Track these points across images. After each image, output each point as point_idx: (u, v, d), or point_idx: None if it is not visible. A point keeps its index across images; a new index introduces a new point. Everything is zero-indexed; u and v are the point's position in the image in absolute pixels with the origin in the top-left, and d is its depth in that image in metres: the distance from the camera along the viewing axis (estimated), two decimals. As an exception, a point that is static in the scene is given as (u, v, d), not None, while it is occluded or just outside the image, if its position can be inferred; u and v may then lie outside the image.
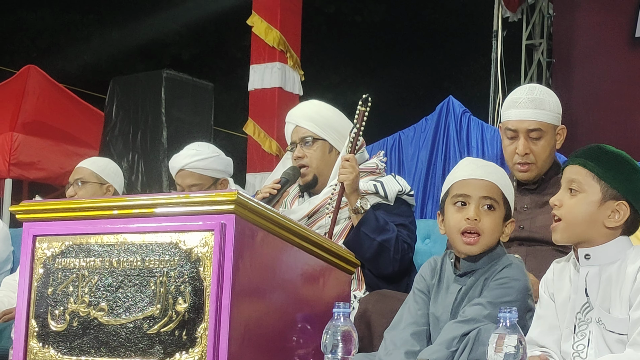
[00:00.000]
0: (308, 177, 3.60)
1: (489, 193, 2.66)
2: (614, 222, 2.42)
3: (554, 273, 2.56)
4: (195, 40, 14.35)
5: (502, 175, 2.74)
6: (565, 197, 2.47)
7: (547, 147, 3.31)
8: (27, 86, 7.96)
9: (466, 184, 2.69)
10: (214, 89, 8.36)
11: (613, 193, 2.42)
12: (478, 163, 2.79)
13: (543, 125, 3.30)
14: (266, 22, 7.75)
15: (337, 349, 2.19)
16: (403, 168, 5.00)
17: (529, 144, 3.29)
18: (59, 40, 13.98)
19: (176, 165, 4.14)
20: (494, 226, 2.65)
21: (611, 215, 2.42)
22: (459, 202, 2.67)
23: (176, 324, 2.36)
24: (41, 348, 2.53)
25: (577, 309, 2.44)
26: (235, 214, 2.35)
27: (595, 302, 2.41)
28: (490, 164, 2.82)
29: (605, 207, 2.42)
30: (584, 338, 2.40)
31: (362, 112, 3.44)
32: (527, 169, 3.31)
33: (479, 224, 2.63)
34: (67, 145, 8.10)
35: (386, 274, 3.36)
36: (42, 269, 2.57)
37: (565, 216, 2.45)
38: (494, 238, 2.66)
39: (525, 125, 3.30)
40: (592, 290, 2.42)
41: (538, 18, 9.09)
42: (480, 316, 2.51)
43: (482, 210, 2.65)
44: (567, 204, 2.46)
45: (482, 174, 2.69)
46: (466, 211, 2.65)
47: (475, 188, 2.67)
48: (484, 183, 2.67)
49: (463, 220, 2.64)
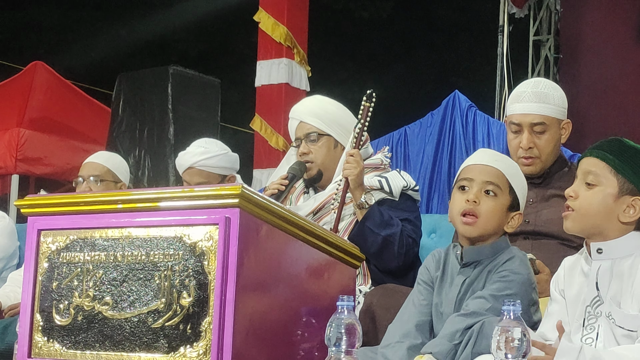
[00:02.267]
0: (313, 171, 3.60)
1: (491, 178, 2.67)
2: (628, 217, 2.41)
3: (564, 269, 2.55)
4: (202, 37, 14.35)
5: (512, 166, 2.75)
6: (581, 189, 2.45)
7: (551, 140, 3.31)
8: (34, 82, 7.99)
9: (471, 168, 2.72)
10: (220, 85, 8.33)
11: (630, 188, 2.40)
12: (489, 152, 2.82)
13: (547, 119, 3.30)
14: (273, 18, 7.75)
15: (341, 342, 2.18)
16: (409, 162, 5.01)
17: (532, 137, 3.30)
18: (66, 37, 14.01)
19: (184, 163, 4.11)
20: (493, 211, 2.65)
21: (626, 210, 2.40)
22: (462, 185, 2.70)
23: (180, 318, 2.36)
24: (46, 342, 2.53)
25: (587, 302, 2.43)
26: (240, 208, 2.34)
27: (606, 296, 2.40)
28: (503, 156, 2.84)
29: (621, 201, 2.40)
30: (593, 332, 2.39)
31: (367, 107, 3.44)
32: (531, 162, 3.31)
33: (477, 206, 2.64)
34: (73, 141, 8.12)
35: (391, 269, 3.35)
36: (47, 263, 2.57)
37: (580, 208, 2.43)
38: (493, 223, 2.66)
39: (529, 119, 3.30)
40: (603, 285, 2.41)
41: (545, 14, 9.08)
42: (483, 309, 2.51)
43: (483, 194, 2.66)
44: (583, 196, 2.44)
45: (488, 160, 2.72)
46: (467, 194, 2.67)
47: (479, 172, 2.69)
48: (488, 168, 2.69)
49: (464, 202, 2.67)
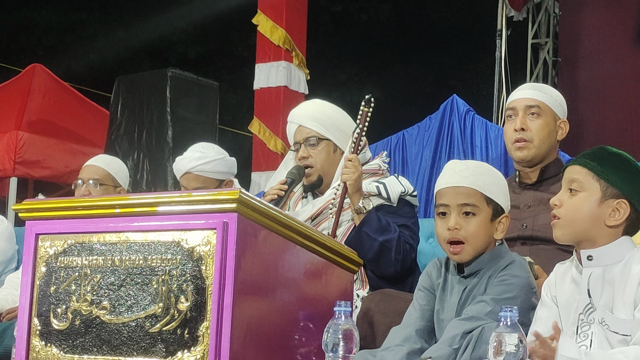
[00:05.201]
0: (313, 177, 3.59)
1: (466, 199, 2.64)
2: (614, 221, 2.42)
3: (556, 275, 2.56)
4: (201, 39, 14.35)
5: (482, 174, 2.69)
6: (565, 197, 2.48)
7: (545, 127, 3.33)
8: (32, 85, 7.97)
9: (444, 193, 2.68)
10: (219, 88, 8.35)
11: (613, 192, 2.42)
12: (456, 168, 2.73)
13: (542, 105, 3.35)
14: (272, 21, 7.75)
15: (338, 347, 2.19)
16: (407, 167, 4.99)
17: (526, 120, 3.34)
18: (65, 39, 13.99)
19: (182, 168, 4.09)
20: (477, 230, 2.63)
21: (612, 213, 2.42)
22: (440, 212, 2.68)
23: (178, 322, 2.36)
24: (43, 346, 2.53)
25: (579, 310, 2.44)
26: (238, 213, 2.35)
27: (598, 303, 2.41)
28: (470, 165, 2.78)
29: (606, 205, 2.43)
30: (587, 339, 2.39)
31: (365, 112, 3.44)
32: (524, 145, 3.33)
33: (460, 232, 2.63)
34: (72, 144, 8.11)
35: (388, 275, 3.35)
36: (45, 267, 2.58)
37: (566, 215, 2.46)
38: (481, 240, 2.65)
39: (524, 102, 3.36)
40: (595, 291, 2.42)
41: (544, 17, 9.09)
42: (483, 313, 2.52)
43: (462, 216, 2.64)
44: (567, 203, 2.46)
45: (457, 180, 2.67)
46: (447, 220, 2.65)
47: (452, 196, 2.66)
48: (460, 190, 2.65)
49: (446, 231, 2.65)
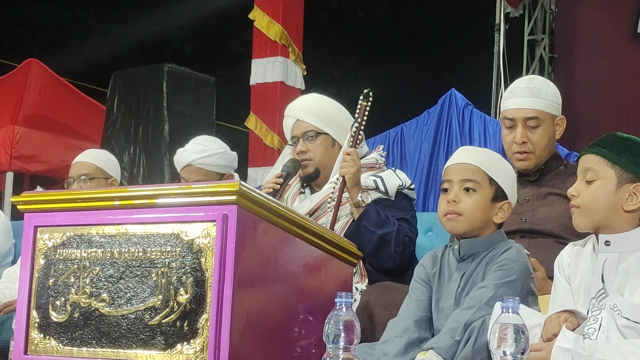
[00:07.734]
0: (309, 169, 3.59)
1: (468, 175, 2.69)
2: (632, 205, 2.44)
3: (569, 256, 2.57)
4: (197, 34, 14.34)
5: (490, 158, 2.75)
6: (582, 187, 2.49)
7: (545, 135, 3.31)
8: (28, 80, 7.98)
9: (449, 169, 2.76)
10: (215, 83, 8.33)
11: (629, 176, 2.44)
12: (467, 150, 2.84)
13: (540, 114, 3.30)
14: (268, 17, 7.74)
15: (339, 338, 2.18)
16: (405, 161, 5.00)
17: (526, 132, 3.30)
18: (61, 34, 13.98)
19: (183, 160, 4.09)
20: (474, 206, 2.67)
21: (629, 198, 2.44)
22: (444, 188, 2.74)
23: (177, 314, 2.36)
24: (42, 339, 2.53)
25: (592, 294, 2.45)
26: (237, 205, 2.33)
27: (611, 289, 2.42)
28: (482, 149, 2.85)
29: (622, 190, 2.44)
30: (596, 322, 2.40)
31: (364, 106, 3.44)
32: (526, 157, 3.32)
33: (458, 205, 2.68)
34: (68, 138, 8.11)
35: (387, 268, 3.35)
36: (43, 259, 2.57)
37: (584, 204, 2.47)
38: (477, 217, 2.68)
39: (522, 114, 3.30)
40: (609, 278, 2.43)
41: (540, 13, 9.08)
42: (484, 299, 2.53)
43: (462, 192, 2.69)
44: (585, 193, 2.48)
45: (464, 158, 2.74)
46: (448, 195, 2.71)
47: (456, 172, 2.72)
48: (465, 166, 2.71)
49: (445, 204, 2.71)
